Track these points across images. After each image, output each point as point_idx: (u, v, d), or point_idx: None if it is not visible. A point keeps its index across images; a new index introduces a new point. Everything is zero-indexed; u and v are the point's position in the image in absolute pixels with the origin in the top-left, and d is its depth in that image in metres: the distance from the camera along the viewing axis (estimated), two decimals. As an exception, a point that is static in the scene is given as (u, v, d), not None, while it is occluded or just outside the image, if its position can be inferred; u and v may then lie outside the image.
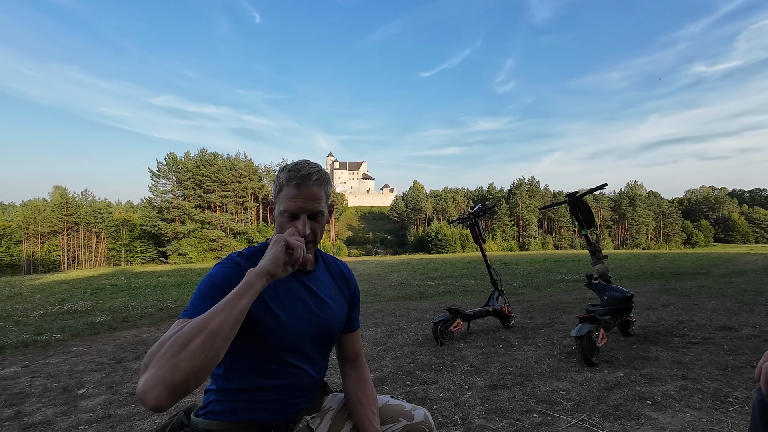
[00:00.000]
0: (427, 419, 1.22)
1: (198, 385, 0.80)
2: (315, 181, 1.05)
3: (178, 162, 66.82)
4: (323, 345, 1.16)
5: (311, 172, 1.05)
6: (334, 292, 1.20)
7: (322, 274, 1.19)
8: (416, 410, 1.23)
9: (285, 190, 1.04)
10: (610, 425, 2.23)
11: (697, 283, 8.78)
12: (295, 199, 1.03)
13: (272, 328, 1.03)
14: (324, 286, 1.18)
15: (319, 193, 1.06)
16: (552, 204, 4.36)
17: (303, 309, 1.10)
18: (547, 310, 5.99)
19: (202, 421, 1.04)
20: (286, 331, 1.05)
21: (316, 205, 1.05)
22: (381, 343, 4.36)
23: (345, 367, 1.28)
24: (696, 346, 3.64)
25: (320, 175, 1.07)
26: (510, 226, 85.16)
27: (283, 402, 1.09)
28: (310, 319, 1.10)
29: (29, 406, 2.95)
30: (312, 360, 1.13)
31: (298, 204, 1.03)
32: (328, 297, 1.17)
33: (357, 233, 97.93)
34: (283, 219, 1.05)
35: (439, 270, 16.52)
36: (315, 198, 1.05)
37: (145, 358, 0.81)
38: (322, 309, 1.14)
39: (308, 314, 1.10)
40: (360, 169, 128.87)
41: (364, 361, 1.30)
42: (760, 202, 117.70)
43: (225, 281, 0.97)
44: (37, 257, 59.02)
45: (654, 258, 21.99)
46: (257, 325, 1.01)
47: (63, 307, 8.76)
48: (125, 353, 4.44)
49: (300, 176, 1.04)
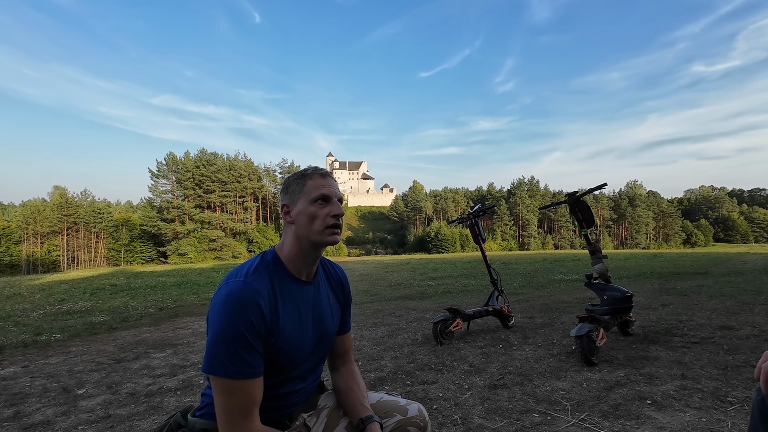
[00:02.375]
0: (422, 413, 1.23)
1: None
2: (331, 176, 1.18)
3: (177, 162, 66.78)
4: (320, 351, 1.19)
5: (327, 171, 1.18)
6: (330, 299, 1.22)
7: (321, 281, 1.21)
8: (410, 405, 1.24)
9: (311, 182, 1.12)
10: (610, 425, 2.23)
11: (696, 282, 8.78)
12: (326, 186, 1.12)
13: (285, 352, 1.04)
14: (323, 294, 1.20)
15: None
16: (552, 204, 4.36)
17: (307, 322, 1.11)
18: (547, 309, 5.99)
19: (199, 421, 1.05)
20: (297, 353, 1.08)
21: (340, 193, 1.17)
22: (381, 342, 4.36)
23: (335, 363, 1.30)
24: (695, 346, 3.64)
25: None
26: (510, 225, 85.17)
27: (280, 404, 1.11)
28: (312, 332, 1.13)
29: (29, 406, 2.94)
30: (310, 364, 1.16)
31: (331, 189, 1.12)
32: (327, 306, 1.19)
33: (357, 233, 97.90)
34: (315, 206, 1.09)
35: (439, 270, 16.51)
36: (338, 188, 1.17)
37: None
38: (323, 320, 1.16)
39: (313, 330, 1.12)
40: (360, 169, 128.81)
41: (353, 357, 1.33)
42: (760, 202, 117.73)
43: (250, 329, 0.97)
44: (37, 257, 58.98)
45: (653, 258, 22.00)
46: (272, 349, 1.02)
47: (63, 307, 8.74)
48: (125, 353, 4.44)
49: (322, 170, 1.15)
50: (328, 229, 1.08)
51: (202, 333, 5.42)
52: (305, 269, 1.12)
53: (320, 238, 1.08)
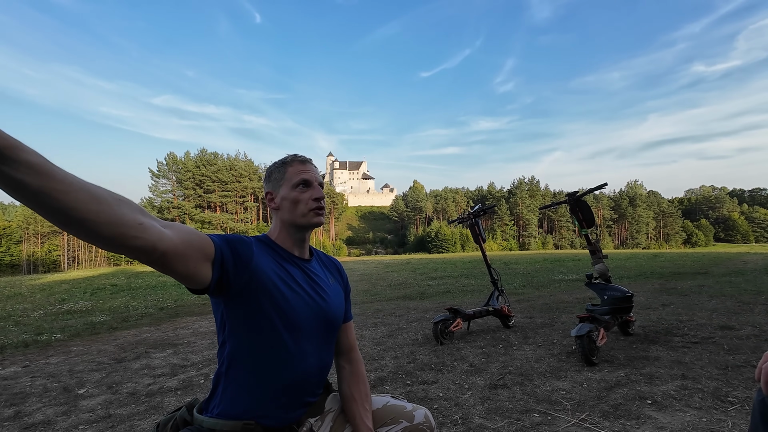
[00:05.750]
0: (428, 420, 1.22)
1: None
2: (311, 162, 1.22)
3: (178, 162, 66.85)
4: (327, 332, 1.17)
5: (306, 158, 1.22)
6: (331, 281, 1.24)
7: (318, 265, 1.24)
8: (417, 411, 1.23)
9: (291, 169, 1.16)
10: (610, 425, 2.23)
11: (697, 282, 8.78)
12: (306, 171, 1.17)
13: (279, 305, 1.04)
14: (322, 275, 1.22)
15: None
16: (552, 204, 4.36)
17: (305, 293, 1.12)
18: (547, 309, 5.99)
19: (207, 420, 1.02)
20: (292, 310, 1.06)
21: (320, 178, 1.20)
22: (381, 342, 4.36)
23: (339, 360, 1.29)
24: (696, 346, 3.64)
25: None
26: (510, 225, 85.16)
27: (291, 396, 1.08)
28: (313, 304, 1.12)
29: (29, 406, 2.95)
30: (317, 346, 1.13)
31: (311, 174, 1.17)
32: (327, 285, 1.20)
33: (357, 233, 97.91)
34: (297, 191, 1.14)
35: (439, 270, 16.51)
36: (318, 173, 1.20)
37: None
38: (323, 296, 1.16)
39: (311, 299, 1.12)
40: (360, 168, 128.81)
41: (359, 355, 1.31)
42: (760, 202, 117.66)
43: (240, 242, 1.03)
44: (38, 257, 59.07)
45: (654, 257, 21.98)
46: (266, 299, 1.02)
47: (63, 307, 8.75)
48: (125, 353, 4.44)
49: (301, 157, 1.20)
50: (312, 211, 1.15)
51: (202, 333, 5.42)
52: (297, 250, 1.18)
53: (305, 221, 1.15)
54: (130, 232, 0.73)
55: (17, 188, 0.62)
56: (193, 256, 0.87)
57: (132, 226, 0.73)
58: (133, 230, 0.73)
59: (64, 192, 0.65)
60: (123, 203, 0.74)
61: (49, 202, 0.64)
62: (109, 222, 0.70)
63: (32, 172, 0.62)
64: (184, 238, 0.85)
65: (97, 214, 0.69)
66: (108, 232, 0.71)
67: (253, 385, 1.03)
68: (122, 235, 0.72)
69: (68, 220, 0.67)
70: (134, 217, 0.75)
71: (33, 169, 0.62)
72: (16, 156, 0.60)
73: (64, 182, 0.65)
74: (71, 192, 0.66)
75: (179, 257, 0.83)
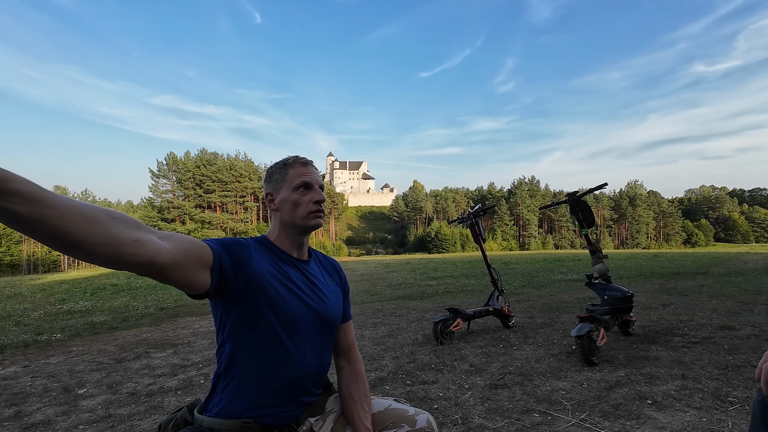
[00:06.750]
0: (431, 425, 1.21)
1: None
2: (312, 164, 1.23)
3: (178, 162, 66.85)
4: (325, 332, 1.18)
5: (307, 159, 1.22)
6: (329, 282, 1.25)
7: (316, 266, 1.25)
8: (419, 415, 1.22)
9: (292, 170, 1.17)
10: (611, 425, 2.23)
11: (697, 282, 8.78)
12: (307, 174, 1.18)
13: (277, 306, 1.05)
14: (320, 276, 1.23)
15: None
16: (552, 204, 4.36)
17: (304, 294, 1.13)
18: (547, 309, 5.99)
19: (207, 419, 1.04)
20: (290, 310, 1.07)
21: (321, 180, 1.21)
22: (381, 342, 4.36)
23: (339, 360, 1.30)
24: (696, 346, 3.64)
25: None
26: (510, 225, 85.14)
27: (289, 395, 1.08)
28: (311, 305, 1.13)
29: (30, 405, 2.95)
30: (315, 346, 1.14)
31: (312, 177, 1.18)
32: (324, 286, 1.21)
33: (357, 233, 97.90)
34: (297, 193, 1.15)
35: (439, 270, 16.50)
36: (318, 175, 1.21)
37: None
38: (321, 296, 1.17)
39: (309, 300, 1.13)
40: (360, 168, 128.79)
41: (358, 354, 1.31)
42: (761, 202, 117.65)
43: (237, 244, 1.04)
44: (38, 257, 59.04)
45: (654, 257, 21.97)
46: (264, 300, 1.03)
47: (63, 307, 8.76)
48: (125, 353, 4.44)
49: (302, 159, 1.21)
50: (312, 213, 1.15)
51: (202, 333, 5.42)
52: (295, 251, 1.19)
53: (304, 223, 1.15)
54: (127, 250, 0.74)
55: (11, 218, 0.63)
56: (191, 266, 0.88)
57: (128, 243, 0.74)
58: (129, 248, 0.75)
59: (57, 217, 0.66)
60: (118, 221, 0.75)
61: (43, 228, 0.65)
62: (105, 242, 0.71)
63: (24, 201, 0.63)
64: (182, 249, 0.86)
65: (92, 235, 0.70)
66: (105, 252, 0.72)
67: (251, 384, 1.04)
68: (119, 253, 0.73)
69: (64, 244, 0.68)
70: (130, 234, 0.75)
71: (24, 198, 0.63)
72: (6, 187, 0.61)
73: (56, 207, 0.66)
74: (64, 216, 0.67)
75: (178, 268, 0.85)
